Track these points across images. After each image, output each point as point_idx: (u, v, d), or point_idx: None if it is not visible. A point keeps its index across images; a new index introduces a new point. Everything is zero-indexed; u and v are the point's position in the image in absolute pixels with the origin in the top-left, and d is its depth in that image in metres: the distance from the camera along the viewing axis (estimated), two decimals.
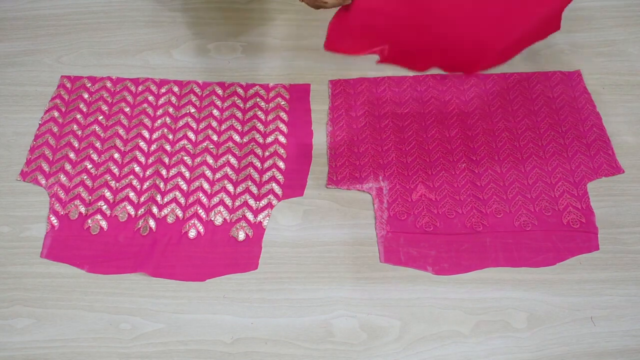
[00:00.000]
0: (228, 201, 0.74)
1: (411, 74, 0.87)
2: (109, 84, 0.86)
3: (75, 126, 0.81)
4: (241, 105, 0.83)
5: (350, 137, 0.79)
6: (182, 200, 0.74)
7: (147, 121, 0.82)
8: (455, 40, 0.64)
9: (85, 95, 0.84)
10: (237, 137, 0.80)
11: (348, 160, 0.77)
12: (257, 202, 0.74)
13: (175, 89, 0.85)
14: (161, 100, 0.84)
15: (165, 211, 0.73)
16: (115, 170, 0.77)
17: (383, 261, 0.69)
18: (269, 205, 0.74)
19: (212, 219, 0.73)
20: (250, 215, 0.73)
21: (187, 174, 0.77)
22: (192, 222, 0.72)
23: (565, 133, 0.79)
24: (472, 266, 0.68)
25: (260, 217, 0.73)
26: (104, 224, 0.72)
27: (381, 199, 0.73)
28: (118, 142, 0.79)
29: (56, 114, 0.82)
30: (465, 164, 0.76)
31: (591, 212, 0.72)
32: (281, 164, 0.77)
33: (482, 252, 0.69)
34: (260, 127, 0.81)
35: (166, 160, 0.78)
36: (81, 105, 0.83)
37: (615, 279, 0.67)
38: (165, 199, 0.74)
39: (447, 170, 0.76)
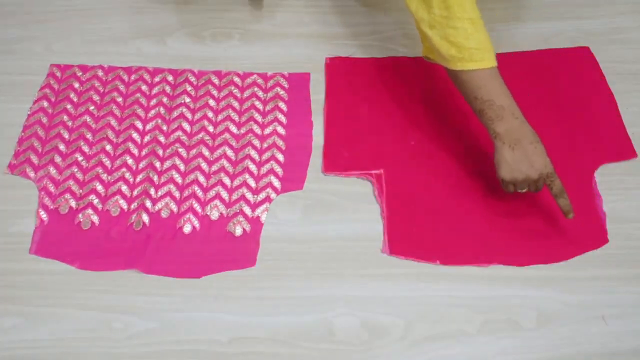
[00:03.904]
0: (224, 195, 0.72)
1: (412, 56, 0.85)
2: (100, 73, 0.83)
3: (65, 117, 0.79)
4: (238, 95, 0.81)
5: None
6: (176, 194, 0.72)
7: (140, 112, 0.79)
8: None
9: (76, 85, 0.82)
10: (234, 128, 0.78)
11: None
12: (255, 196, 0.72)
13: (170, 78, 0.83)
14: (155, 90, 0.82)
15: (159, 205, 0.71)
16: (107, 163, 0.75)
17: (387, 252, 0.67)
18: (267, 199, 0.72)
19: (208, 213, 0.71)
20: (247, 210, 0.71)
21: (182, 167, 0.74)
22: (187, 216, 0.70)
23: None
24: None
25: (258, 211, 0.71)
26: (95, 218, 0.70)
27: (381, 186, 0.72)
28: (110, 134, 0.77)
29: (45, 104, 0.80)
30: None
31: (599, 197, 0.71)
32: (280, 156, 0.75)
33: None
34: (258, 117, 0.79)
35: (160, 152, 0.76)
36: (71, 95, 0.81)
37: (627, 275, 0.66)
38: (159, 193, 0.72)
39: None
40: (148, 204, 0.71)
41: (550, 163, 0.65)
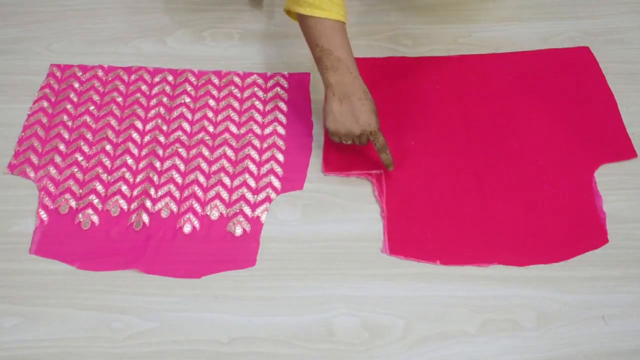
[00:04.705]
0: (224, 195, 0.72)
1: (413, 56, 0.85)
2: (100, 73, 0.83)
3: (65, 117, 0.79)
4: (238, 95, 0.81)
5: None
6: (176, 194, 0.72)
7: (140, 111, 0.79)
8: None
9: (76, 85, 0.82)
10: (234, 128, 0.78)
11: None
12: (255, 196, 0.72)
13: (170, 78, 0.83)
14: (155, 90, 0.81)
15: (159, 205, 0.71)
16: (107, 163, 0.74)
17: (388, 253, 0.67)
18: (267, 199, 0.72)
19: (208, 213, 0.70)
20: (247, 210, 0.71)
21: (181, 167, 0.74)
22: (187, 216, 0.70)
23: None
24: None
25: (258, 211, 0.71)
26: (95, 218, 0.70)
27: (381, 186, 0.72)
28: (110, 134, 0.77)
29: (45, 104, 0.80)
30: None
31: (599, 197, 0.70)
32: (280, 156, 0.75)
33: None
34: (258, 117, 0.79)
35: (160, 152, 0.75)
36: (71, 95, 0.81)
37: (628, 275, 0.65)
38: (159, 193, 0.72)
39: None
40: (148, 204, 0.71)
41: (375, 122, 0.67)
